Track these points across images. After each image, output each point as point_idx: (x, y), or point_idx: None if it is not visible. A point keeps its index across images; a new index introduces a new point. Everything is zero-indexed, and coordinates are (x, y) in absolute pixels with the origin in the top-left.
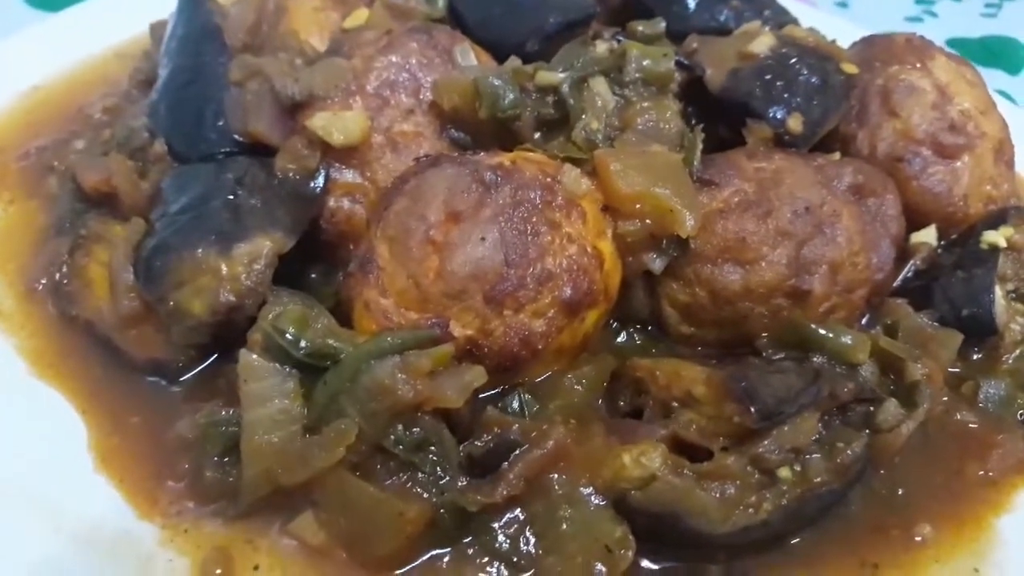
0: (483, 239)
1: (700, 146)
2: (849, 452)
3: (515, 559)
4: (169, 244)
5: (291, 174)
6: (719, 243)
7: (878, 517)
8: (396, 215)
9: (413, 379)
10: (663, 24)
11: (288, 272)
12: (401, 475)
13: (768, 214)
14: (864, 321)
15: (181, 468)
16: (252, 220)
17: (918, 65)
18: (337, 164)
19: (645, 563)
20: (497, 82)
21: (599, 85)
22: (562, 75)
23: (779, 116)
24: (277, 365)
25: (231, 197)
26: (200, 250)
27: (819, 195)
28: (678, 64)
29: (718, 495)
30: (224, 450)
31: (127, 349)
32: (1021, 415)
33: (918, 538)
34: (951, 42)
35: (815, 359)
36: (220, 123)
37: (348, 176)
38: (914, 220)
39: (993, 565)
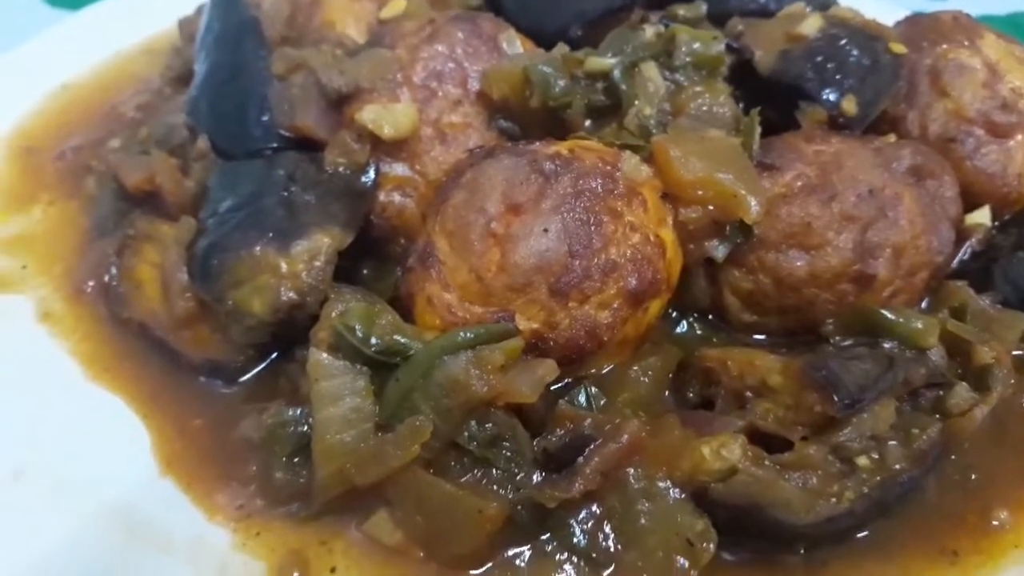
0: (546, 230)
1: (758, 130)
2: (925, 437)
3: (594, 555)
4: (226, 243)
5: (341, 168)
6: (784, 228)
7: (954, 503)
8: (455, 208)
9: (487, 374)
10: (704, 7)
11: (340, 268)
12: (476, 472)
13: (832, 198)
14: (924, 304)
15: (248, 470)
16: (308, 216)
17: (967, 43)
18: (387, 158)
19: (725, 555)
20: (548, 69)
21: (650, 70)
22: (613, 60)
23: (833, 98)
24: (348, 363)
25: (284, 194)
26: (258, 248)
27: (880, 178)
28: (727, 47)
29: (800, 485)
30: (294, 451)
31: (183, 350)
32: None
33: (995, 523)
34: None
35: (885, 345)
36: (265, 118)
37: (398, 170)
38: (968, 201)
39: None
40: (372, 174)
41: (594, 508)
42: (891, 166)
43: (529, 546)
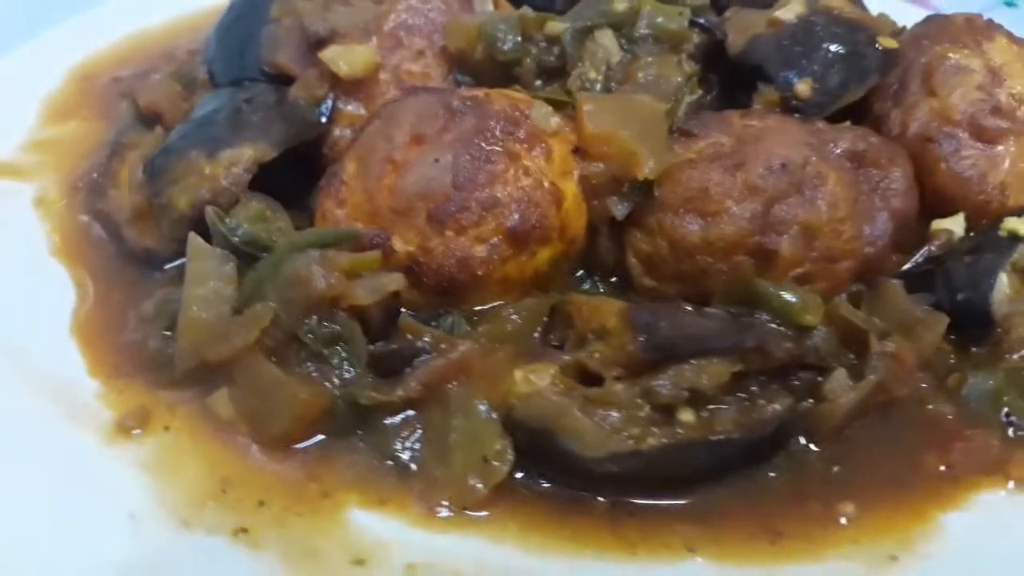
0: (437, 160)
1: (688, 98)
2: (768, 410)
3: (401, 460)
4: (172, 148)
5: (301, 102)
6: (682, 192)
7: (800, 488)
8: (367, 135)
9: (329, 273)
10: None
11: (290, 193)
12: (310, 365)
13: (739, 167)
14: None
15: (135, 339)
16: (246, 132)
17: (971, 44)
18: (344, 96)
19: (531, 486)
20: (501, 26)
21: (605, 37)
22: (566, 24)
23: (787, 80)
24: (220, 250)
25: (236, 112)
26: (193, 153)
27: (802, 155)
28: (698, 26)
29: (599, 420)
30: (169, 325)
31: (129, 238)
32: (1006, 414)
33: (842, 519)
34: None
35: (758, 316)
36: (253, 54)
37: (352, 108)
38: (942, 206)
39: (917, 555)
40: (326, 109)
41: (413, 418)
42: (825, 147)
43: (345, 441)
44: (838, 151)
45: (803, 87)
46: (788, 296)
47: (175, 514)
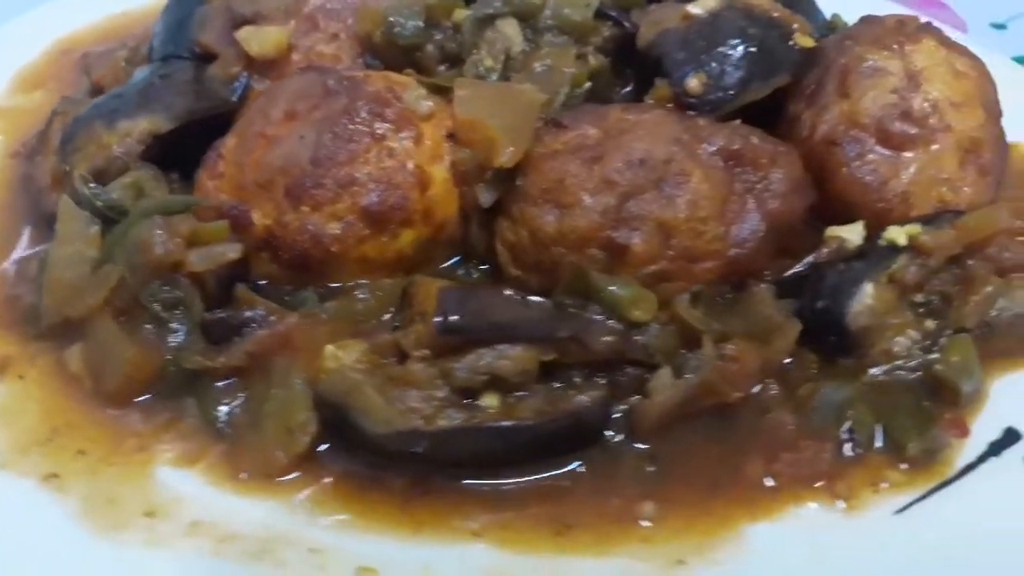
0: (302, 137)
1: (575, 90)
2: (573, 400)
3: (219, 424)
4: (81, 117)
5: (217, 79)
6: (542, 183)
7: (607, 484)
8: (250, 111)
9: (169, 239)
10: None
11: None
12: (152, 327)
13: (596, 160)
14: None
15: (15, 293)
16: (148, 105)
17: (894, 47)
18: (257, 75)
19: (339, 462)
20: (404, 11)
21: (507, 26)
22: (468, 12)
23: (680, 75)
24: (87, 214)
25: (149, 85)
26: (97, 123)
27: (667, 151)
28: (611, 19)
29: (396, 400)
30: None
31: (46, 203)
32: (849, 430)
33: (642, 521)
34: None
35: (589, 309)
36: (186, 32)
37: (264, 87)
38: (842, 212)
39: (707, 561)
40: (240, 87)
41: (238, 384)
42: (698, 144)
43: (175, 402)
44: (711, 149)
45: (694, 83)
46: (618, 290)
47: None
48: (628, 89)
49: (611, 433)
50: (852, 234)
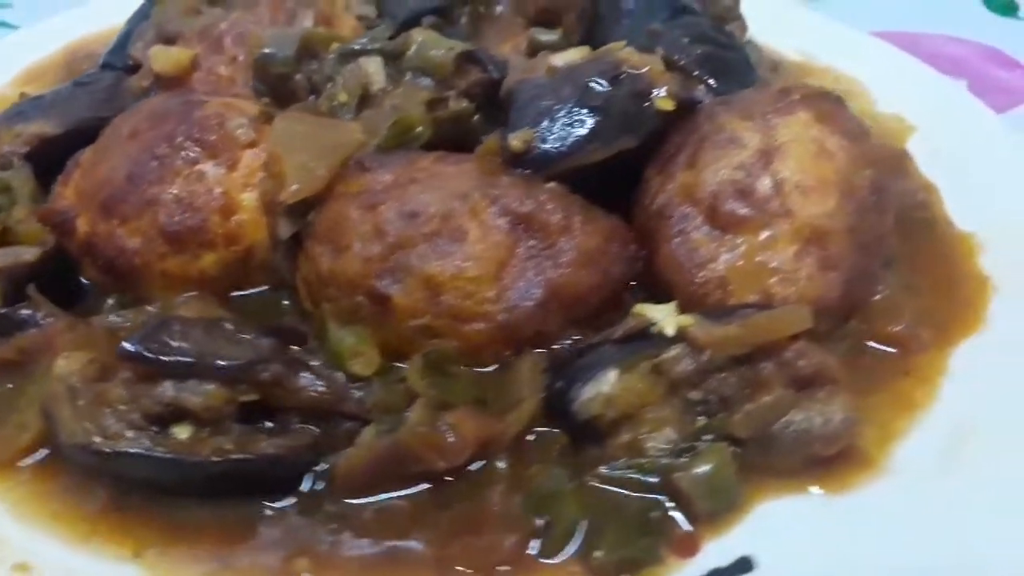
0: (127, 154)
1: (385, 133)
2: (260, 446)
3: None
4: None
5: (130, 92)
6: (325, 223)
7: (275, 535)
8: (110, 126)
9: None
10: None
11: None
12: None
13: (373, 207)
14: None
15: None
16: (48, 110)
17: (763, 118)
18: (164, 91)
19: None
20: (281, 41)
21: (370, 64)
22: (336, 47)
23: (509, 131)
24: None
25: (65, 91)
26: (3, 123)
27: (446, 206)
28: (477, 63)
29: (88, 414)
30: None
31: None
32: (546, 524)
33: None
34: None
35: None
36: (127, 46)
37: None
38: (664, 291)
39: None
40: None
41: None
42: (486, 203)
43: None
44: (497, 210)
45: (516, 141)
46: (343, 340)
47: None
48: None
49: (312, 484)
50: (663, 314)
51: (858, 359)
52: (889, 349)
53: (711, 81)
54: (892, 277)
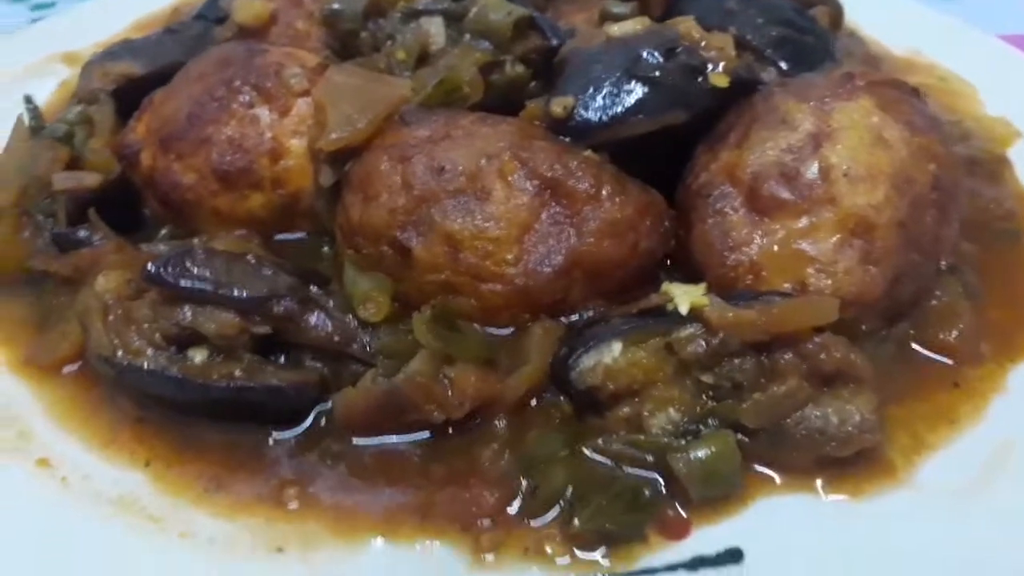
0: (190, 95)
1: (428, 90)
2: (266, 377)
3: (40, 317)
4: (100, 54)
5: (215, 41)
6: (360, 173)
7: (274, 462)
8: (184, 68)
9: (51, 160)
10: None
11: None
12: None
13: (404, 160)
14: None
15: None
16: (141, 52)
17: (821, 101)
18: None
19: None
20: (349, 2)
21: (431, 24)
22: (401, 5)
23: (553, 97)
24: (27, 128)
25: (155, 37)
26: (99, 61)
27: (475, 164)
28: (537, 29)
29: (117, 329)
30: None
31: None
32: (532, 486)
33: (289, 502)
34: None
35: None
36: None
37: None
38: (694, 270)
39: (309, 550)
40: None
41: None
42: (515, 167)
43: (24, 294)
44: (526, 173)
45: (558, 107)
46: (357, 285)
47: None
48: None
49: (317, 421)
50: (685, 294)
51: (904, 364)
52: (941, 358)
53: (782, 64)
54: (954, 284)
